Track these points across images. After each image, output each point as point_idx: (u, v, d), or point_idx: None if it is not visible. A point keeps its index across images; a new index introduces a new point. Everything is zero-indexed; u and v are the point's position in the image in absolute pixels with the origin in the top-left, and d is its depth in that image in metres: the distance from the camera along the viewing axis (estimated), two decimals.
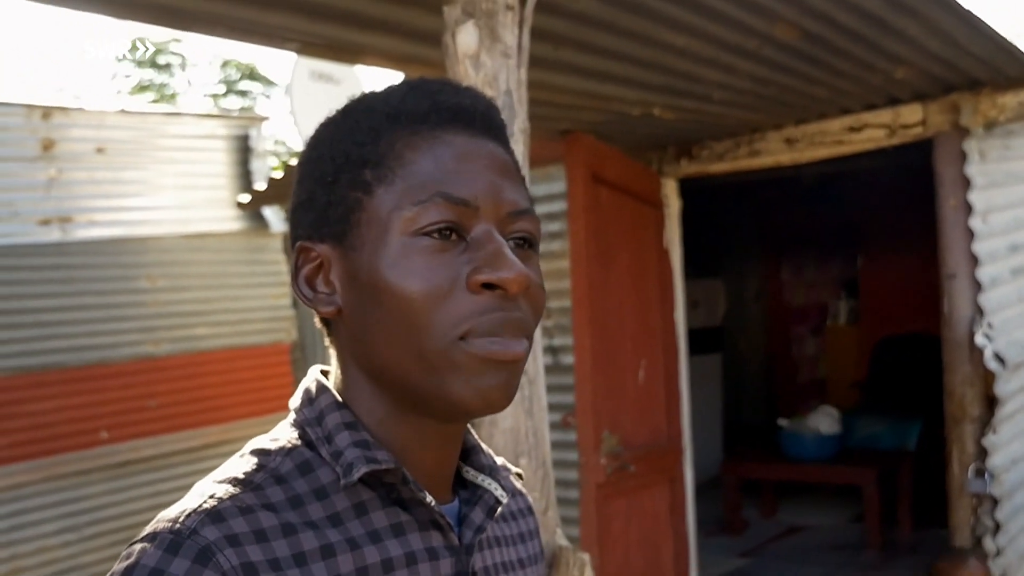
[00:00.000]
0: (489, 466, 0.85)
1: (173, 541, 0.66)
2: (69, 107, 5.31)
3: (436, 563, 0.77)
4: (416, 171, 0.73)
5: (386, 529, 0.75)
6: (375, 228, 0.73)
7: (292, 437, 0.77)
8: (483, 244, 0.73)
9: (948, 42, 3.06)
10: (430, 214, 0.72)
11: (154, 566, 0.64)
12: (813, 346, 8.81)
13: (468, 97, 0.79)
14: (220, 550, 0.66)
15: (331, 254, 0.77)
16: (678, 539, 4.19)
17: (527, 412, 2.12)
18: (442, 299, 0.71)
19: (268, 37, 2.73)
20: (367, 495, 0.75)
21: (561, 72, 3.12)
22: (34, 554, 4.84)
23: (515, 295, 0.72)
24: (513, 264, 0.71)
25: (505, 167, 0.77)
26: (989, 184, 3.62)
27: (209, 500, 0.69)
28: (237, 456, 0.77)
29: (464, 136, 0.76)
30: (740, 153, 4.21)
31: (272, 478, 0.73)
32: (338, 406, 0.77)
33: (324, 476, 0.74)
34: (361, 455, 0.73)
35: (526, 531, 0.94)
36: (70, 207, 5.10)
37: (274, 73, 16.47)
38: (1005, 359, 3.50)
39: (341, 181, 0.76)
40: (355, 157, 0.75)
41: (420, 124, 0.75)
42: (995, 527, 3.55)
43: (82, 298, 5.10)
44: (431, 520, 0.77)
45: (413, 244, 0.72)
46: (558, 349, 4.27)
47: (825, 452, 6.05)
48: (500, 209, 0.74)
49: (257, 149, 5.82)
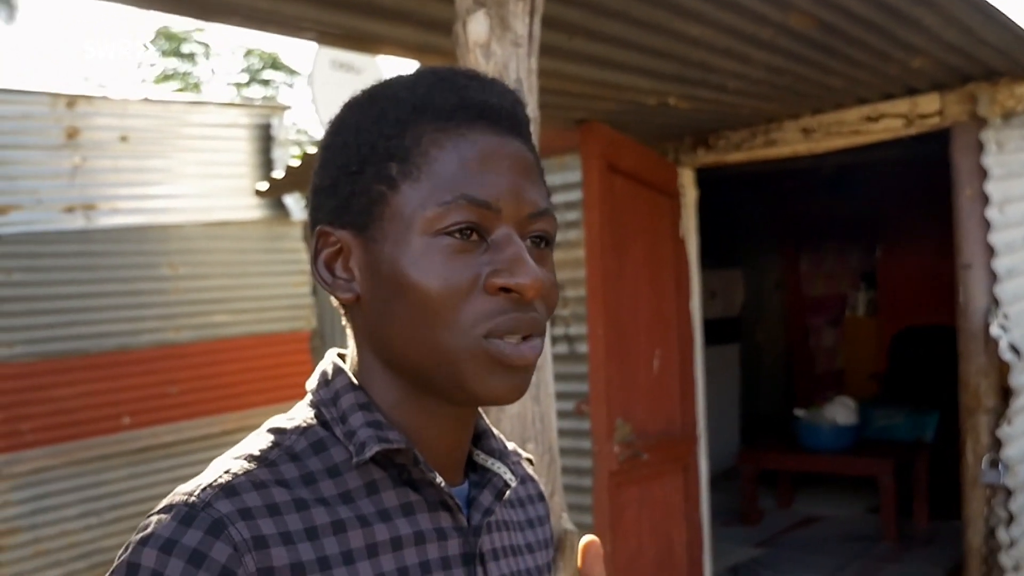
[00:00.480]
0: (499, 450, 0.87)
1: (188, 513, 0.68)
2: (93, 96, 5.37)
3: (444, 543, 0.79)
4: (441, 170, 0.74)
5: (396, 508, 0.77)
6: (398, 224, 0.75)
7: (308, 417, 0.79)
8: (503, 247, 0.74)
9: (964, 32, 3.05)
10: (453, 215, 0.73)
11: (168, 536, 0.67)
12: (831, 337, 8.77)
13: (495, 95, 0.79)
14: (232, 523, 0.68)
15: (352, 242, 0.78)
16: (692, 528, 4.20)
17: (534, 398, 2.14)
18: (461, 298, 0.73)
19: (284, 26, 2.76)
20: (378, 474, 0.77)
21: (575, 61, 3.13)
22: (56, 537, 4.91)
23: (531, 300, 0.75)
24: (531, 270, 0.74)
25: (527, 167, 0.78)
26: (1006, 174, 3.60)
27: (224, 475, 0.71)
28: (254, 434, 0.79)
29: (490, 135, 0.77)
30: (756, 143, 4.21)
31: (286, 455, 0.75)
32: (353, 388, 0.79)
33: (337, 455, 0.76)
34: (374, 435, 0.75)
35: (535, 517, 0.95)
36: (94, 195, 5.17)
37: (297, 62, 16.56)
38: (1020, 350, 3.49)
39: (366, 173, 0.77)
40: (381, 149, 0.77)
41: (447, 121, 0.76)
42: (1009, 518, 3.54)
43: (104, 285, 5.16)
44: (440, 501, 0.79)
45: (435, 243, 0.74)
46: (574, 338, 4.29)
47: (842, 443, 6.04)
48: (521, 211, 0.76)
49: (279, 138, 5.87)
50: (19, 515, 4.83)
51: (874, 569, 5.30)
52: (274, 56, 15.52)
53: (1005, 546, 3.52)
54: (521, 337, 0.75)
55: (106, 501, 5.07)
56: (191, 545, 0.66)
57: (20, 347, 4.89)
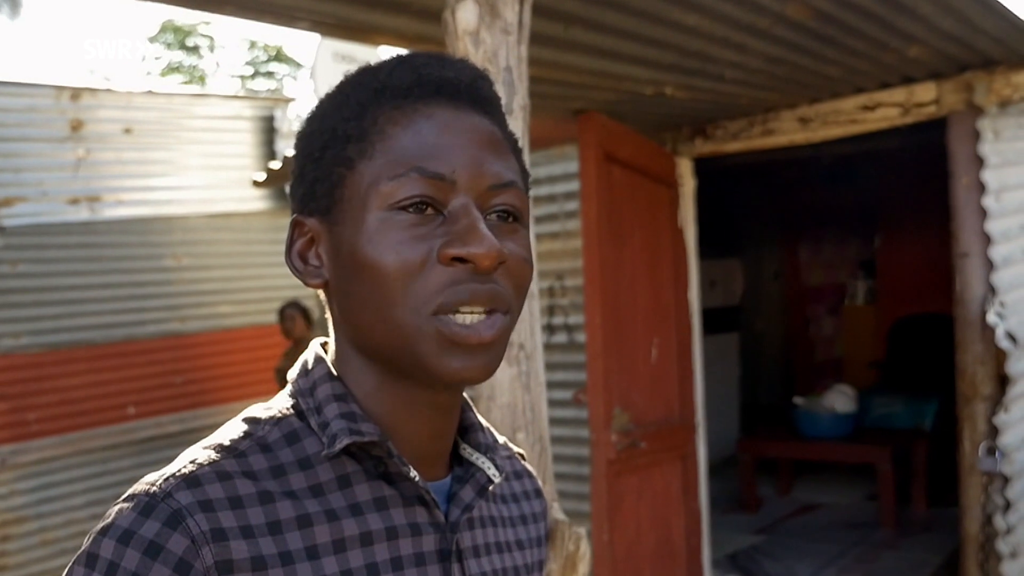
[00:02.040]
0: (487, 444, 0.85)
1: (148, 503, 0.67)
2: (97, 88, 5.39)
3: (419, 539, 0.76)
4: (395, 146, 0.73)
5: (368, 503, 0.75)
6: (355, 203, 0.74)
7: (285, 407, 0.78)
8: (459, 218, 0.72)
9: (961, 20, 3.05)
10: (405, 189, 0.72)
11: (127, 527, 0.66)
12: (830, 326, 8.80)
13: (453, 69, 0.77)
14: (191, 514, 0.67)
15: (319, 228, 0.77)
16: (690, 516, 4.23)
17: (525, 387, 2.12)
18: (415, 273, 0.71)
19: (279, 16, 2.76)
20: (352, 467, 0.75)
21: (572, 51, 3.14)
22: (62, 526, 4.96)
23: (486, 269, 0.71)
24: (484, 238, 0.71)
25: (490, 140, 0.76)
26: (1003, 163, 3.61)
27: (189, 465, 0.70)
28: (229, 423, 0.78)
29: (447, 109, 0.75)
30: (754, 132, 4.22)
31: (257, 446, 0.74)
32: (330, 377, 0.78)
33: (310, 446, 0.75)
34: (346, 427, 0.74)
35: (528, 513, 0.93)
36: (98, 187, 5.20)
37: (300, 55, 16.58)
38: (1017, 338, 3.50)
39: (326, 156, 0.76)
40: (340, 132, 0.76)
41: (403, 98, 0.75)
42: (1006, 505, 3.56)
43: (109, 276, 5.20)
44: (416, 495, 0.77)
45: (389, 219, 0.72)
46: (572, 327, 4.31)
47: (840, 431, 6.06)
48: (480, 183, 0.74)
49: (282, 130, 5.90)
50: (26, 504, 4.87)
51: (872, 556, 5.33)
52: (278, 49, 15.57)
53: (1002, 533, 3.54)
54: (481, 313, 0.72)
55: (112, 491, 5.11)
56: (148, 536, 0.65)
57: (26, 338, 4.92)
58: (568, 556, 2.08)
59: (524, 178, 0.80)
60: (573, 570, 2.08)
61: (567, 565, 2.08)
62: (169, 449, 5.31)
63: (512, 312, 0.75)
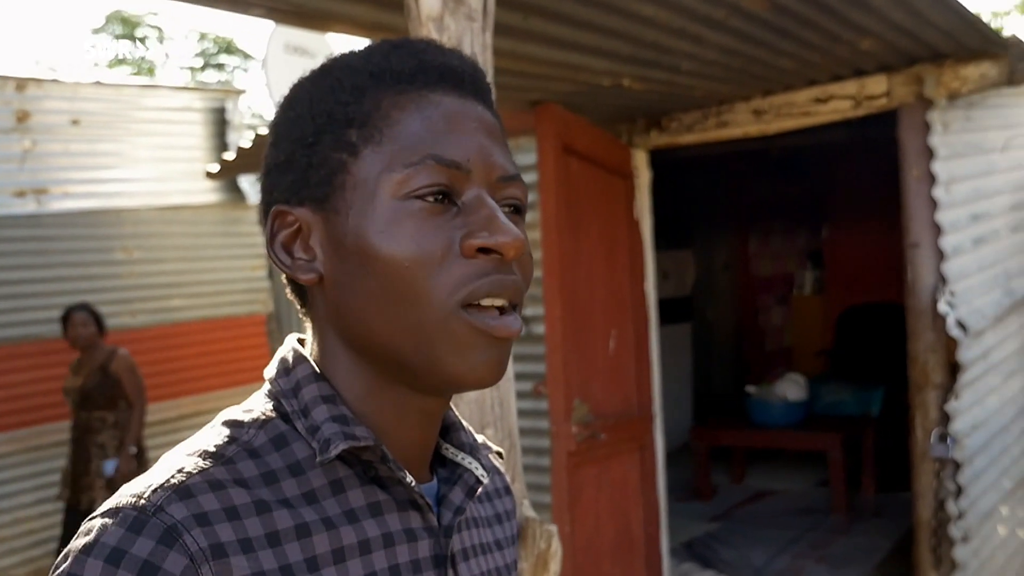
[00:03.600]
0: (470, 444, 0.82)
1: (137, 518, 0.61)
2: (43, 79, 5.27)
3: (415, 544, 0.74)
4: (405, 132, 0.70)
5: (363, 508, 0.71)
6: (361, 191, 0.70)
7: (267, 409, 0.73)
8: (476, 208, 0.70)
9: (912, 13, 3.10)
10: (421, 177, 0.68)
11: (115, 545, 0.60)
12: (780, 315, 8.93)
13: (455, 58, 0.75)
14: (188, 529, 0.61)
15: (311, 218, 0.72)
16: (648, 505, 4.25)
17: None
18: (436, 265, 0.68)
19: (233, 3, 2.70)
20: (344, 472, 0.72)
21: (531, 42, 3.12)
22: (11, 524, 4.86)
23: (512, 259, 0.70)
24: (509, 228, 0.69)
25: (494, 131, 0.74)
26: (952, 155, 3.67)
27: (177, 475, 0.65)
28: (208, 427, 0.72)
29: (453, 97, 0.73)
30: (708, 124, 4.24)
31: (245, 452, 0.69)
32: (316, 378, 0.73)
33: (299, 451, 0.71)
34: (339, 431, 0.70)
35: (503, 512, 0.91)
36: (45, 179, 5.09)
37: (251, 47, 16.38)
38: (967, 326, 3.57)
39: (323, 142, 0.72)
40: (339, 116, 0.72)
41: (407, 84, 0.72)
42: (957, 490, 3.63)
43: (58, 270, 5.10)
44: (410, 500, 0.74)
45: (404, 208, 0.68)
46: (530, 319, 4.30)
47: (792, 418, 6.16)
48: (491, 174, 0.72)
49: (233, 122, 5.83)
50: None
51: (825, 541, 5.42)
52: (228, 40, 15.38)
53: (954, 518, 3.61)
54: (503, 307, 0.70)
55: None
56: (142, 556, 0.59)
57: None
58: (540, 554, 2.06)
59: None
60: (544, 568, 2.07)
61: (538, 563, 2.07)
62: None
63: (522, 307, 0.73)
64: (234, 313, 5.84)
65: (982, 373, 3.77)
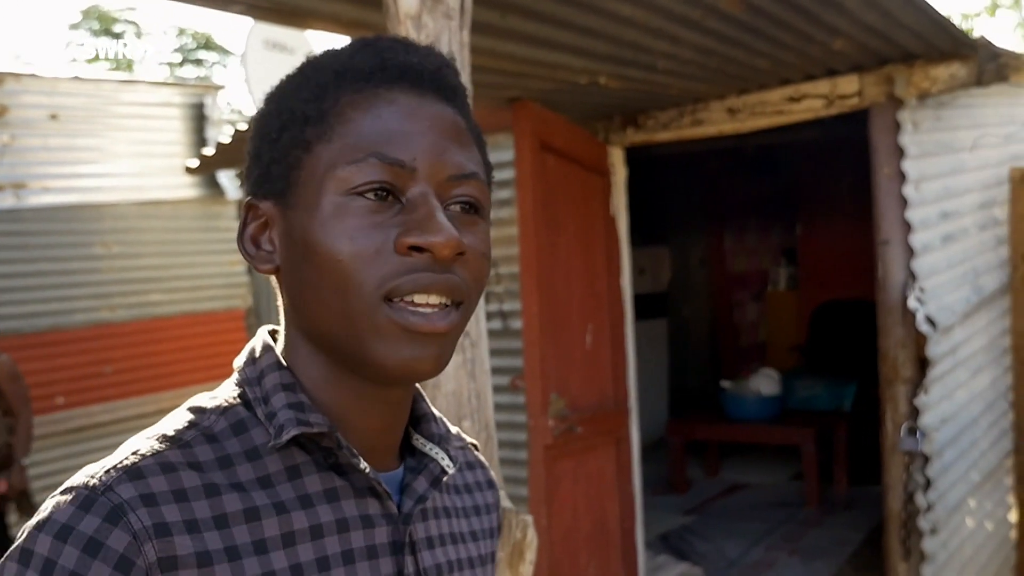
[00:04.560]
0: (440, 435, 0.83)
1: (87, 497, 0.64)
2: (22, 73, 5.23)
3: (371, 531, 0.75)
4: (354, 130, 0.71)
5: (319, 494, 0.73)
6: (311, 186, 0.72)
7: (231, 396, 0.76)
8: (416, 207, 0.71)
9: (883, 15, 3.15)
10: (363, 174, 0.70)
11: (64, 522, 0.63)
12: (754, 311, 9.01)
13: (418, 56, 0.76)
14: (133, 509, 0.64)
15: (273, 212, 0.75)
16: (624, 498, 4.30)
17: (469, 375, 2.11)
18: (368, 261, 0.69)
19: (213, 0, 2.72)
20: (302, 458, 0.73)
21: (508, 39, 3.15)
22: None
23: (444, 259, 0.70)
24: (443, 227, 0.70)
25: (453, 129, 0.74)
26: (922, 153, 3.73)
27: (131, 456, 0.67)
28: (173, 413, 0.75)
29: (410, 96, 0.73)
30: (684, 122, 4.29)
31: (203, 436, 0.71)
32: (279, 366, 0.76)
33: (257, 437, 0.73)
34: (293, 417, 0.71)
35: (482, 504, 0.92)
36: (24, 173, 5.07)
37: (230, 43, 16.30)
38: (936, 322, 3.63)
39: (283, 139, 0.74)
40: (299, 114, 0.74)
41: (364, 82, 0.73)
42: (926, 483, 3.69)
43: (37, 264, 5.09)
44: (368, 487, 0.75)
45: (346, 204, 0.70)
46: (507, 314, 4.33)
47: (766, 413, 6.23)
48: (441, 172, 0.72)
49: (212, 117, 5.82)
50: None
51: (798, 533, 5.49)
52: (207, 36, 15.29)
53: (923, 510, 3.67)
54: (436, 303, 0.71)
55: (41, 481, 5.00)
56: (87, 532, 0.63)
57: None
58: (515, 544, 2.10)
59: (487, 171, 0.79)
60: (520, 558, 2.10)
61: (514, 553, 2.10)
62: (99, 439, 5.23)
63: (467, 305, 0.74)
64: (213, 308, 5.85)
65: (951, 368, 3.84)
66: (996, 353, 4.30)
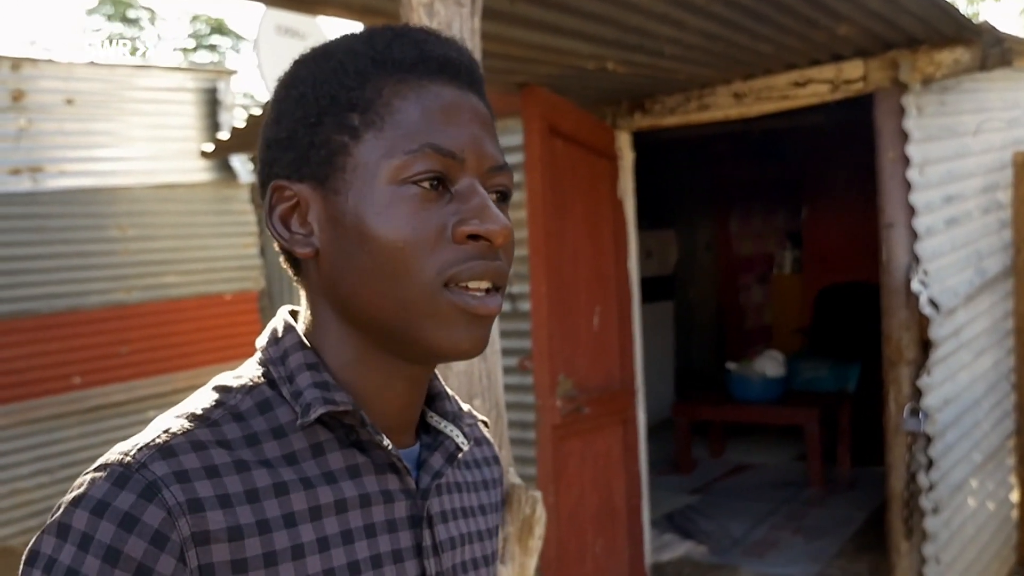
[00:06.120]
0: (453, 413, 0.86)
1: (122, 474, 0.66)
2: (38, 59, 5.29)
3: (391, 505, 0.78)
4: (405, 120, 0.73)
5: (342, 470, 0.75)
6: (361, 174, 0.74)
7: (255, 375, 0.77)
8: (469, 197, 0.74)
9: (888, 1, 3.18)
10: (419, 164, 0.72)
11: (100, 498, 0.65)
12: (760, 294, 9.05)
13: (454, 50, 0.79)
14: (167, 485, 0.66)
15: (310, 195, 0.76)
16: (631, 478, 4.36)
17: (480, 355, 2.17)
18: (428, 248, 0.72)
19: None
20: (325, 436, 0.76)
21: (517, 25, 3.18)
22: (8, 496, 4.92)
23: (499, 246, 0.74)
24: (498, 217, 0.74)
25: (486, 121, 0.78)
26: (926, 138, 3.76)
27: (163, 435, 0.70)
28: (199, 391, 0.77)
29: (451, 88, 0.76)
30: (690, 107, 4.32)
31: (230, 415, 0.73)
32: (302, 346, 0.78)
33: (283, 415, 0.75)
34: (320, 396, 0.74)
35: (489, 479, 0.95)
36: (40, 157, 5.13)
37: (243, 28, 16.32)
38: (939, 305, 3.67)
39: (325, 123, 0.75)
40: (342, 100, 0.75)
41: (407, 73, 0.75)
42: (928, 463, 3.72)
43: (53, 247, 5.15)
44: (388, 463, 0.78)
45: (401, 193, 0.72)
46: (516, 296, 4.39)
47: (770, 394, 6.27)
48: (483, 163, 0.76)
49: (225, 102, 5.87)
50: None
51: (801, 513, 5.55)
52: (220, 22, 15.35)
53: (925, 490, 3.70)
54: (490, 287, 0.75)
55: (58, 460, 5.10)
56: (123, 508, 0.65)
57: None
58: (524, 519, 2.15)
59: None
60: (530, 533, 2.16)
61: (524, 528, 2.16)
62: (115, 418, 5.32)
63: (504, 288, 0.78)
64: (226, 290, 5.92)
65: (954, 350, 3.87)
66: (999, 335, 4.34)
